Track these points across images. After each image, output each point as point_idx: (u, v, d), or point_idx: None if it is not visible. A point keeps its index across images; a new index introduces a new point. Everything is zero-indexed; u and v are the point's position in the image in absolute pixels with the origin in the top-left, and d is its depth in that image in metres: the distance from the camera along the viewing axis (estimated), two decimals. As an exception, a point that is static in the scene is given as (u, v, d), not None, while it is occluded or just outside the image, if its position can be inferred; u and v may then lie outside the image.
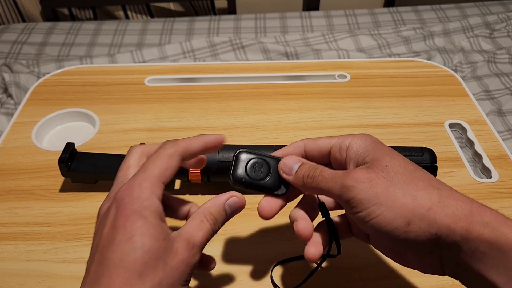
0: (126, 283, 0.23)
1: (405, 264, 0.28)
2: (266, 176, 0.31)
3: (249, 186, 0.31)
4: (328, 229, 0.32)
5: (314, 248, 0.30)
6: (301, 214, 0.31)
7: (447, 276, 0.39)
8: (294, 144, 0.33)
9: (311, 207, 0.32)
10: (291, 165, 0.31)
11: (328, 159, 0.31)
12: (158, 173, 0.27)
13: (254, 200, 0.46)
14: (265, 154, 0.32)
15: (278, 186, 0.31)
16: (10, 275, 0.39)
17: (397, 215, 0.25)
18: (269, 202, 0.31)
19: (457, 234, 0.24)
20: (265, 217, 0.31)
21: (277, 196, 0.32)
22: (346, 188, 0.26)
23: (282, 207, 0.32)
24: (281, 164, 0.31)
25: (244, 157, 0.32)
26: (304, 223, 0.30)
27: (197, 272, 0.40)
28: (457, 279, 0.26)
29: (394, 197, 0.25)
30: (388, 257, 0.29)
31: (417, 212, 0.24)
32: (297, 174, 0.30)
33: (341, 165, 0.30)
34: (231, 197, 0.30)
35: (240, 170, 0.31)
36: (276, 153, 0.33)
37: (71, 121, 0.58)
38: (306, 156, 0.32)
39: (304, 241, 0.30)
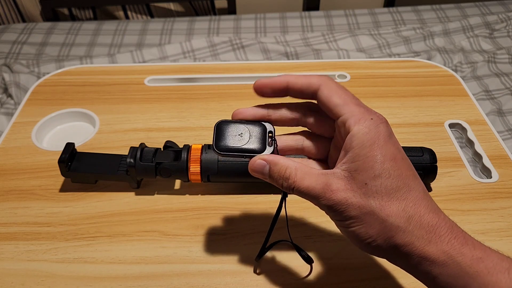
0: None
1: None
2: (249, 140, 0.31)
3: (233, 151, 0.31)
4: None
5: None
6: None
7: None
8: (310, 79, 0.30)
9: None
10: (260, 169, 0.30)
11: (333, 117, 0.29)
12: None
13: (254, 201, 0.46)
14: (244, 120, 0.32)
15: (263, 147, 0.31)
16: (10, 275, 0.39)
17: (364, 233, 0.27)
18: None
19: (413, 258, 0.26)
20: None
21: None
22: (323, 206, 0.28)
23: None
24: (250, 168, 0.30)
25: (224, 126, 0.32)
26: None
27: (197, 272, 0.40)
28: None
29: (364, 219, 0.27)
30: None
31: (381, 235, 0.26)
32: (272, 178, 0.30)
33: (339, 138, 0.29)
34: None
35: (222, 139, 0.31)
36: (288, 77, 0.31)
37: (71, 121, 0.58)
38: (315, 98, 0.30)
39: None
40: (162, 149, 0.46)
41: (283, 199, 0.32)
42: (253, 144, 0.31)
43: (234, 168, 0.44)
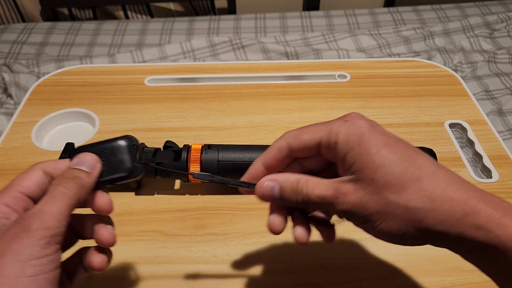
0: None
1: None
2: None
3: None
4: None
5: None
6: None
7: (448, 277, 0.39)
8: (277, 146, 0.30)
9: None
10: (270, 191, 0.29)
11: (317, 151, 0.29)
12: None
13: (254, 201, 0.46)
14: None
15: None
16: (10, 275, 0.39)
17: (392, 227, 0.25)
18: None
19: (451, 238, 0.24)
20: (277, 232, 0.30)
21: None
22: (339, 212, 0.27)
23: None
24: (260, 194, 0.29)
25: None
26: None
27: (197, 272, 0.40)
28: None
29: (386, 212, 0.25)
30: None
31: (410, 223, 0.25)
32: (285, 197, 0.28)
33: (333, 159, 0.29)
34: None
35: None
36: (260, 159, 0.30)
37: (71, 121, 0.58)
38: (293, 154, 0.30)
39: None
40: (162, 149, 0.46)
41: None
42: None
43: (234, 168, 0.44)
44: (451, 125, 0.56)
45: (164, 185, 0.48)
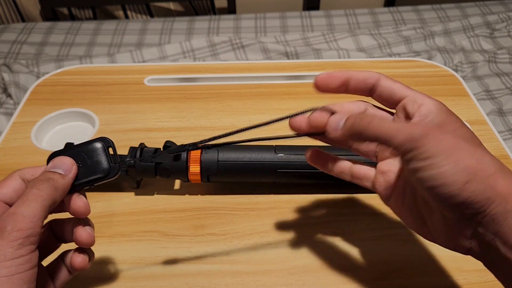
0: None
1: (426, 234, 0.29)
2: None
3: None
4: None
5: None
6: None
7: (448, 277, 0.39)
8: (370, 72, 0.32)
9: None
10: (337, 121, 0.31)
11: (392, 107, 0.31)
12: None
13: (254, 201, 0.46)
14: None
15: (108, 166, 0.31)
16: (9, 275, 0.39)
17: (460, 171, 0.24)
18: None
19: (510, 204, 0.24)
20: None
21: None
22: (413, 137, 0.25)
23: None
24: (329, 127, 0.32)
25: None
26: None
27: (197, 272, 0.39)
28: (479, 260, 0.27)
29: (460, 155, 0.24)
30: (407, 224, 0.30)
31: (479, 173, 0.24)
32: (345, 125, 0.30)
33: (407, 117, 0.30)
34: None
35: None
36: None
37: (71, 121, 0.58)
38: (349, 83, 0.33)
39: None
40: (161, 149, 0.46)
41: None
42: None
43: (233, 168, 0.44)
44: (452, 125, 0.56)
45: (164, 185, 0.48)
